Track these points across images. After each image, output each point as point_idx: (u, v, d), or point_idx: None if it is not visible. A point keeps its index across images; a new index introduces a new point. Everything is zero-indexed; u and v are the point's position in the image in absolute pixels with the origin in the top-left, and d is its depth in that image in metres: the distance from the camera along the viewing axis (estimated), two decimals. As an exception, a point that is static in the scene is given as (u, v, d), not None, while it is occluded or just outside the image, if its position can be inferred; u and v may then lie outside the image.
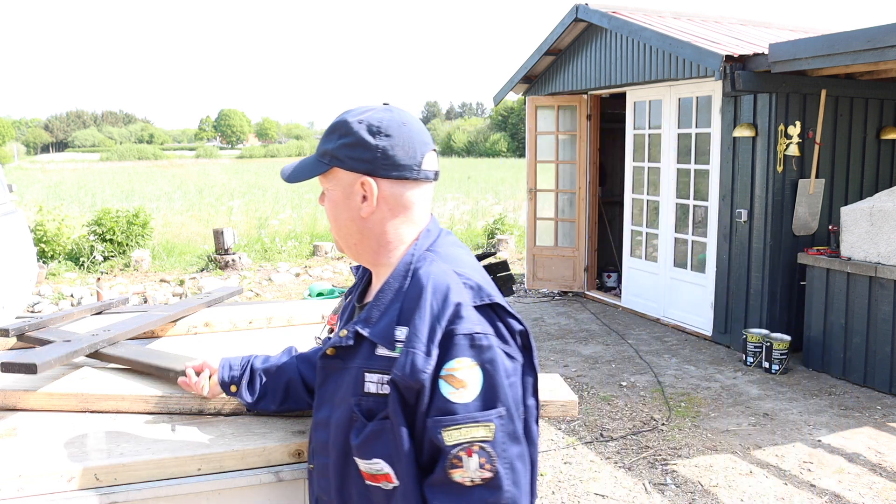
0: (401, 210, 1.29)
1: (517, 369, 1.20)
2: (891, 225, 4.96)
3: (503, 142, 67.68)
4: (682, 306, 6.85)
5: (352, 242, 1.32)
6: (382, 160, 1.25)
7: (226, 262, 9.99)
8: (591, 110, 8.03)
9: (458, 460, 1.11)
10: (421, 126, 1.32)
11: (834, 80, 5.75)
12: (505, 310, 1.20)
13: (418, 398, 1.15)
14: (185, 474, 1.49)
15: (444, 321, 1.15)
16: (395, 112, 1.30)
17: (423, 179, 1.29)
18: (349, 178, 1.27)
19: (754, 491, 3.67)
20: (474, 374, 1.13)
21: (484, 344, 1.15)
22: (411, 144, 1.27)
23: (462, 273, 1.22)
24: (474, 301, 1.18)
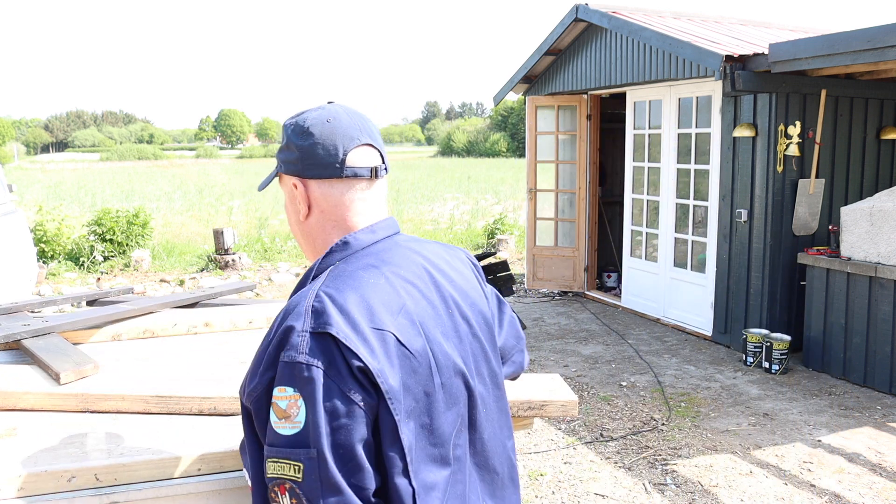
0: (333, 212, 1.23)
1: (354, 412, 1.03)
2: (891, 225, 4.96)
3: (503, 142, 67.66)
4: (682, 306, 6.85)
5: (301, 245, 1.32)
6: (305, 160, 1.21)
7: (226, 262, 9.99)
8: (591, 110, 8.03)
9: (275, 495, 1.05)
10: (355, 121, 1.23)
11: (834, 80, 5.75)
12: (342, 343, 1.04)
13: (255, 417, 1.10)
14: (185, 474, 1.49)
15: (274, 345, 1.07)
16: (327, 109, 1.24)
17: (350, 177, 1.21)
18: (288, 181, 1.25)
19: (754, 491, 3.67)
20: (296, 407, 1.03)
21: (305, 375, 1.03)
22: (332, 141, 1.20)
23: (324, 294, 1.09)
24: (311, 327, 1.06)
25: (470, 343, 1.23)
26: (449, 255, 1.32)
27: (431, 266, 1.24)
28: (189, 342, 2.37)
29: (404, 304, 1.13)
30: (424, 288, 1.19)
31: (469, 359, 1.22)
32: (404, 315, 1.12)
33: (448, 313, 1.20)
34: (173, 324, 2.44)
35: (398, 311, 1.12)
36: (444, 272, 1.25)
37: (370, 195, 1.24)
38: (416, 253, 1.24)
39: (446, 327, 1.19)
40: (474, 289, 1.31)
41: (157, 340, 2.38)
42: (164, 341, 2.37)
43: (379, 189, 1.26)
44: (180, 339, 2.41)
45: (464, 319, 1.23)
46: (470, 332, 1.24)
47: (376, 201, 1.26)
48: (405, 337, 1.10)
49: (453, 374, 1.17)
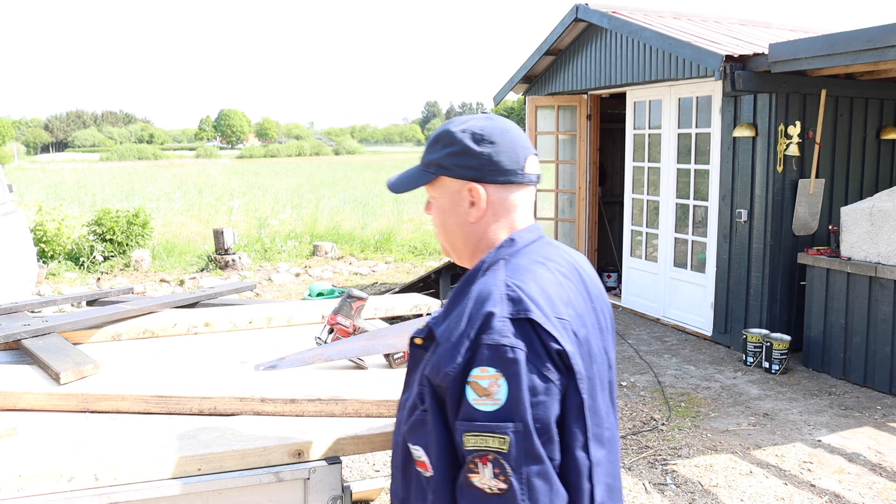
0: (503, 214, 1.34)
1: (550, 390, 1.17)
2: (891, 225, 4.96)
3: (503, 142, 67.49)
4: (682, 306, 6.85)
5: (458, 247, 1.39)
6: (488, 166, 1.31)
7: (226, 262, 9.99)
8: (591, 110, 8.03)
9: (475, 466, 1.14)
10: (521, 132, 1.37)
11: (834, 80, 5.75)
12: (543, 327, 1.18)
13: (447, 396, 1.19)
14: (185, 474, 1.49)
15: (475, 329, 1.17)
16: (495, 120, 1.36)
17: (526, 183, 1.35)
18: (456, 185, 1.33)
19: (754, 491, 3.67)
20: (499, 385, 1.14)
21: (509, 357, 1.15)
22: (514, 149, 1.33)
23: (513, 284, 1.22)
24: (511, 313, 1.18)
25: (607, 335, 1.38)
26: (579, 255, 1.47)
27: (577, 264, 1.39)
28: (189, 342, 2.37)
29: (570, 297, 1.28)
30: (577, 283, 1.33)
31: (609, 349, 1.37)
32: (571, 307, 1.26)
33: (593, 307, 1.34)
34: (173, 324, 2.44)
35: (567, 302, 1.26)
36: (586, 270, 1.41)
37: (530, 199, 1.39)
38: (564, 252, 1.40)
39: (593, 320, 1.33)
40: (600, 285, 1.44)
41: (157, 340, 2.38)
42: (164, 341, 2.37)
43: (532, 194, 1.41)
44: (180, 339, 2.41)
45: (602, 314, 1.37)
46: (608, 327, 1.39)
47: (530, 206, 1.40)
48: (575, 326, 1.25)
49: (602, 362, 1.31)
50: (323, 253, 11.28)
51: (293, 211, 15.98)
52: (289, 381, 1.90)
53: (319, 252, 11.29)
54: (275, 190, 23.17)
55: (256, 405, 1.76)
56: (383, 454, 4.06)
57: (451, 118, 1.45)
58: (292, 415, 1.75)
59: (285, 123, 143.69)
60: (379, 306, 2.88)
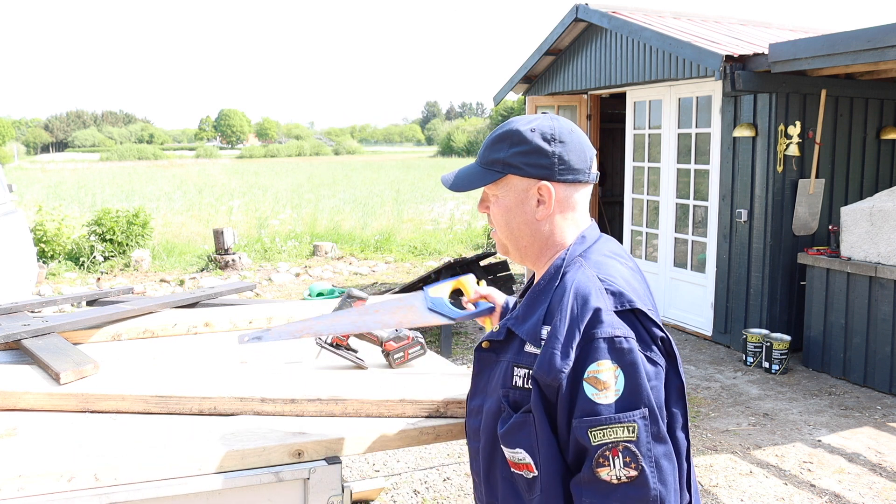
0: (569, 211, 1.37)
1: (659, 374, 1.22)
2: (891, 225, 4.96)
3: (503, 142, 67.49)
4: (682, 306, 6.85)
5: (522, 245, 1.39)
6: (560, 164, 1.33)
7: (226, 261, 9.99)
8: (591, 110, 8.03)
9: (605, 459, 1.16)
10: (582, 132, 1.40)
11: (834, 80, 5.75)
12: (646, 316, 1.23)
13: (557, 395, 1.19)
14: (185, 474, 1.49)
15: (583, 324, 1.19)
16: (560, 120, 1.37)
17: (591, 182, 1.38)
18: (524, 183, 1.34)
19: (754, 491, 3.67)
20: (616, 377, 1.16)
21: (624, 347, 1.18)
22: (582, 149, 1.35)
23: (606, 278, 1.25)
24: (615, 306, 1.22)
25: None
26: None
27: (631, 256, 1.45)
28: (189, 342, 2.37)
29: (644, 288, 1.35)
30: (641, 275, 1.40)
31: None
32: (647, 297, 1.33)
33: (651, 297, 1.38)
34: (173, 324, 2.44)
35: (645, 294, 1.32)
36: (635, 262, 1.45)
37: (588, 198, 1.42)
38: (620, 247, 1.44)
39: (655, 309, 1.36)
40: None
41: (157, 340, 2.38)
42: (164, 341, 2.37)
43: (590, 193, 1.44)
44: (180, 339, 2.41)
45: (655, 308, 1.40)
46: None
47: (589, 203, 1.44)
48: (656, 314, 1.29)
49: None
50: (323, 253, 11.28)
51: (293, 211, 15.98)
52: (289, 381, 1.90)
53: (319, 252, 11.29)
54: (275, 190, 23.17)
55: (256, 405, 1.76)
56: (383, 454, 4.07)
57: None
58: (292, 415, 1.75)
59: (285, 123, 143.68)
60: (379, 306, 2.88)
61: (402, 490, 3.70)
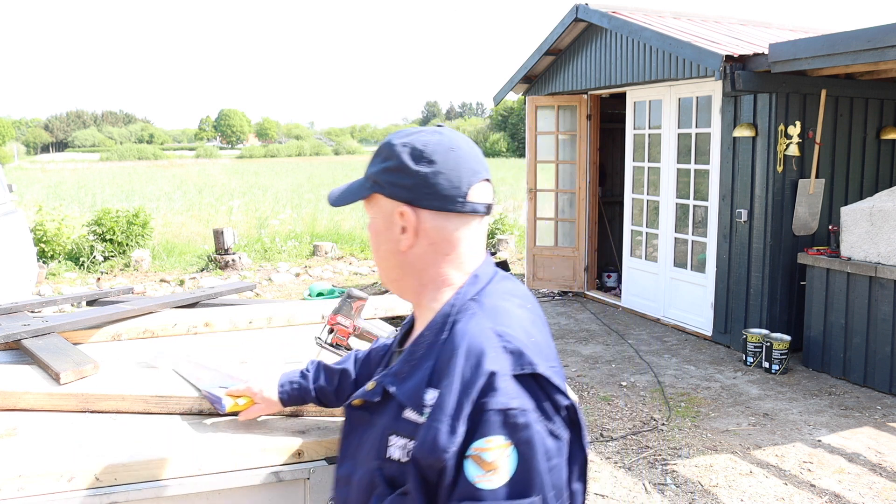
0: (445, 247, 1.14)
1: (562, 449, 1.04)
2: (891, 225, 4.96)
3: (503, 142, 67.66)
4: (682, 306, 6.85)
5: (393, 277, 1.20)
6: (423, 189, 1.12)
7: (226, 262, 9.99)
8: (591, 110, 8.03)
9: None
10: (474, 152, 1.18)
11: (834, 80, 5.75)
12: (549, 381, 1.04)
13: (440, 477, 1.00)
14: (185, 474, 1.49)
15: (475, 392, 1.00)
16: (445, 135, 1.17)
17: (469, 213, 1.14)
18: (390, 205, 1.15)
19: (754, 491, 3.67)
20: (507, 456, 0.98)
21: (520, 421, 0.99)
22: (457, 172, 1.13)
23: (504, 333, 1.06)
24: (514, 369, 1.02)
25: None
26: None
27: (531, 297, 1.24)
28: (189, 342, 2.37)
29: (546, 337, 1.15)
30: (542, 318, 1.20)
31: None
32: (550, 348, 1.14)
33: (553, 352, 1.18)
34: (173, 324, 2.44)
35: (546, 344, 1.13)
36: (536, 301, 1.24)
37: (480, 231, 1.18)
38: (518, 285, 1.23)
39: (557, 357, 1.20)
40: None
41: (157, 340, 2.38)
42: (165, 341, 2.37)
43: (485, 226, 1.21)
44: (180, 339, 2.41)
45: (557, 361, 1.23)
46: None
47: (482, 238, 1.20)
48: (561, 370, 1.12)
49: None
50: (323, 253, 11.28)
51: (293, 211, 15.98)
52: (289, 381, 1.90)
53: (319, 252, 11.29)
54: (275, 190, 23.17)
55: (256, 405, 1.76)
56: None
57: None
58: (292, 415, 1.75)
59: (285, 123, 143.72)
60: (379, 306, 2.88)
61: (402, 490, 3.70)
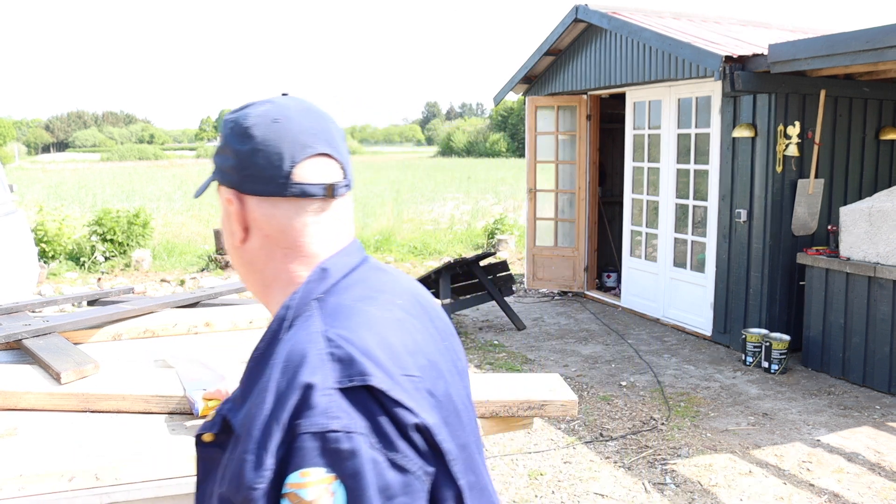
0: (282, 239, 0.95)
1: (410, 485, 0.80)
2: (889, 225, 4.97)
3: (503, 142, 67.65)
4: (681, 306, 6.85)
5: (243, 276, 1.02)
6: (243, 170, 0.93)
7: (226, 261, 10.00)
8: (590, 110, 8.03)
9: None
10: (310, 123, 0.96)
11: (833, 80, 5.76)
12: (387, 396, 0.81)
13: None
14: (185, 474, 1.49)
15: (286, 413, 0.79)
16: (277, 104, 0.96)
17: (299, 196, 0.93)
18: (224, 193, 0.97)
19: (754, 490, 3.68)
20: (331, 493, 0.76)
21: (344, 447, 0.77)
22: (277, 148, 0.92)
23: (338, 337, 0.84)
24: (339, 381, 0.80)
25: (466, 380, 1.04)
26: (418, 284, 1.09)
27: (417, 293, 1.03)
28: (189, 342, 2.38)
29: (417, 342, 0.93)
30: (423, 319, 0.98)
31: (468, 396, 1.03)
32: (422, 355, 0.92)
33: (446, 347, 1.00)
34: (174, 324, 2.45)
35: (415, 350, 0.91)
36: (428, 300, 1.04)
37: (328, 218, 0.97)
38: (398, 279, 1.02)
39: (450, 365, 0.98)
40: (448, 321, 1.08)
41: (157, 340, 2.39)
42: (165, 341, 2.38)
43: (340, 209, 0.98)
44: (181, 338, 2.42)
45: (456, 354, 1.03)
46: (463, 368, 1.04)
47: (337, 224, 0.98)
48: (430, 381, 0.89)
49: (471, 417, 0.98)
50: (323, 253, 11.27)
51: (293, 211, 15.95)
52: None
53: (320, 252, 11.28)
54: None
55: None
56: (383, 454, 4.07)
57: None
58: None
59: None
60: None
61: (401, 490, 3.71)
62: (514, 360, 5.90)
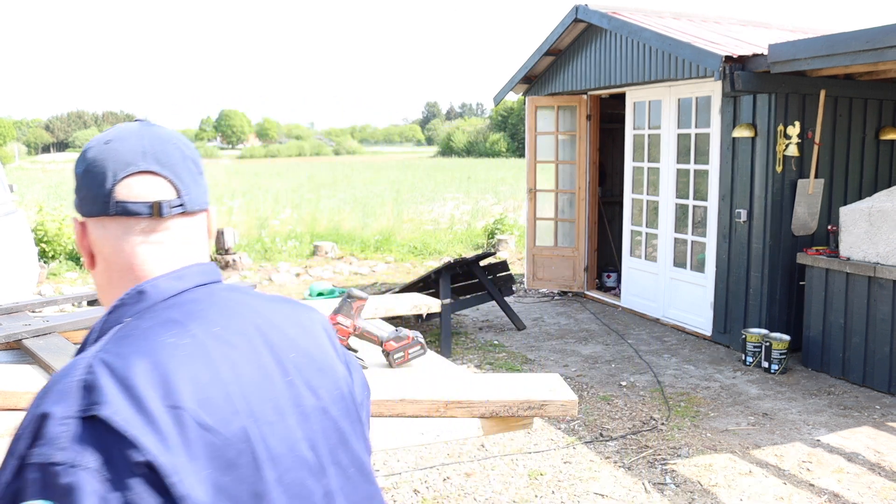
0: (117, 262, 0.93)
1: None
2: (889, 225, 4.97)
3: (503, 142, 67.69)
4: (681, 306, 6.86)
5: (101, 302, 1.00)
6: (78, 192, 0.95)
7: (226, 262, 10.00)
8: (590, 110, 8.04)
9: None
10: (144, 142, 0.94)
11: (833, 80, 5.76)
12: (114, 428, 0.74)
13: None
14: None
15: (24, 442, 0.75)
16: (120, 127, 0.98)
17: (123, 215, 0.91)
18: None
19: (753, 490, 3.68)
20: None
21: (62, 482, 0.71)
22: (103, 167, 0.92)
23: (103, 361, 0.79)
24: (81, 410, 0.75)
25: (320, 421, 0.93)
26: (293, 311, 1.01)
27: (264, 321, 0.94)
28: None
29: (220, 373, 0.84)
30: (251, 349, 0.89)
31: (320, 442, 0.92)
32: (216, 386, 0.82)
33: (287, 382, 0.91)
34: (174, 324, 2.45)
35: (211, 381, 0.82)
36: (282, 329, 0.95)
37: (162, 239, 0.94)
38: (243, 305, 0.95)
39: (283, 401, 0.89)
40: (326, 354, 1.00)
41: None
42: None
43: (179, 230, 0.95)
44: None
45: (310, 390, 0.93)
46: (318, 407, 0.93)
47: (177, 246, 0.95)
48: (214, 417, 0.80)
49: (296, 464, 0.87)
50: (323, 253, 11.29)
51: (293, 211, 16.00)
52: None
53: (320, 252, 11.30)
54: (275, 190, 23.18)
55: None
56: (383, 453, 4.08)
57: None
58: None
59: (285, 124, 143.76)
60: (379, 306, 2.90)
61: (402, 489, 3.71)
62: (514, 360, 5.90)
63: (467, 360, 5.91)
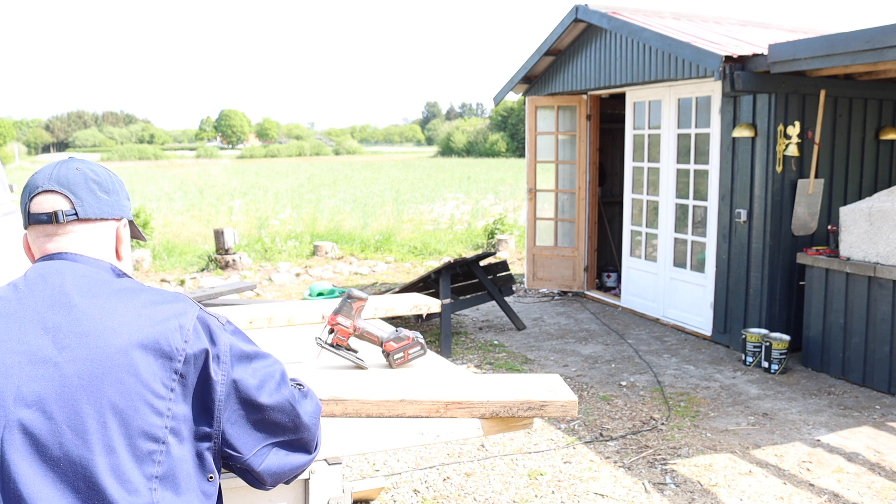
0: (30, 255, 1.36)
1: None
2: (889, 225, 4.97)
3: (503, 142, 67.69)
4: (681, 306, 6.86)
5: None
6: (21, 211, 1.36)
7: (226, 261, 10.00)
8: (590, 110, 8.04)
9: None
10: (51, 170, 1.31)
11: (833, 80, 5.76)
12: None
13: None
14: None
15: None
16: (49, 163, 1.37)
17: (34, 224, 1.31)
18: None
19: (753, 490, 3.68)
20: None
21: None
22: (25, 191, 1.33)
23: None
24: None
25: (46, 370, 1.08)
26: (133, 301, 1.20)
27: (66, 291, 1.18)
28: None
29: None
30: (14, 298, 1.18)
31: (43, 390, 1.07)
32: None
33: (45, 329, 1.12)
34: (174, 324, 2.45)
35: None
36: (75, 300, 1.16)
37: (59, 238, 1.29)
38: (59, 274, 1.21)
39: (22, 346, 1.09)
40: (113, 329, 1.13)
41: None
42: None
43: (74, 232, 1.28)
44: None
45: (58, 347, 1.09)
46: (55, 361, 1.09)
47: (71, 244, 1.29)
48: None
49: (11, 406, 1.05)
50: (323, 253, 11.29)
51: (293, 211, 16.00)
52: (289, 381, 1.91)
53: (320, 252, 11.30)
54: (275, 190, 23.19)
55: (257, 405, 1.77)
56: (383, 454, 4.08)
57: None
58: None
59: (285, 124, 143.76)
60: (379, 306, 2.90)
61: (402, 490, 3.72)
62: (514, 360, 5.90)
63: (467, 361, 5.91)
